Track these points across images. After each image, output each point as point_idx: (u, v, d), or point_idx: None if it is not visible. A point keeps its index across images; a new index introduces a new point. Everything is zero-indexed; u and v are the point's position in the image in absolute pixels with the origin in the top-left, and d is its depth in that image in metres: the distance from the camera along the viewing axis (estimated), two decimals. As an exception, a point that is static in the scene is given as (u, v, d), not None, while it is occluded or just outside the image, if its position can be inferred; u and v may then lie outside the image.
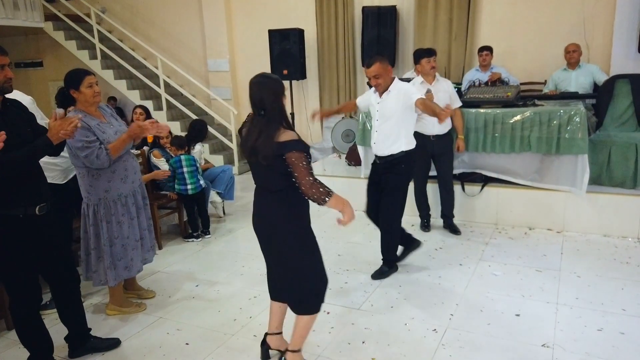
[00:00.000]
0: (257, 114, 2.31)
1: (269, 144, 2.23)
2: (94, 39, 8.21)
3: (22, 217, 2.41)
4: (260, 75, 2.35)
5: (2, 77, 2.34)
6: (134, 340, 3.02)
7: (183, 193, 4.61)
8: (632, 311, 3.10)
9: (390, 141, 3.53)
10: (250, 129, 2.33)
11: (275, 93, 2.30)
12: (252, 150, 2.29)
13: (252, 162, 2.37)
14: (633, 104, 4.57)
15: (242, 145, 2.39)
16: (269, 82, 2.32)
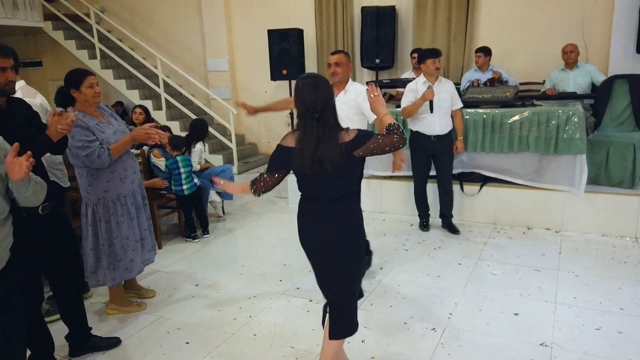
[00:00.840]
0: (309, 119, 2.10)
1: (334, 149, 2.08)
2: (93, 39, 8.21)
3: (25, 216, 2.41)
4: (308, 76, 2.19)
5: (3, 79, 2.32)
6: (134, 339, 3.03)
7: (179, 194, 4.62)
8: (630, 310, 3.11)
9: None
10: (304, 137, 2.11)
11: (329, 94, 2.15)
12: (314, 160, 2.08)
13: (315, 171, 2.11)
14: (631, 104, 4.59)
15: (298, 157, 2.11)
16: (322, 83, 2.16)
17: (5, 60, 2.33)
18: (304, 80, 2.17)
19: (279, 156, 2.20)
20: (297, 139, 2.14)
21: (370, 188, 5.28)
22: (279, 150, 2.20)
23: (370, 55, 6.89)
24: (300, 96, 2.13)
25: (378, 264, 3.97)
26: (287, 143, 2.18)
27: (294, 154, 2.13)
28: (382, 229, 4.82)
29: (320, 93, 2.12)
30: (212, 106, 8.21)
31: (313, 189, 2.23)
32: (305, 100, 2.11)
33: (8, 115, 2.41)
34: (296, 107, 2.16)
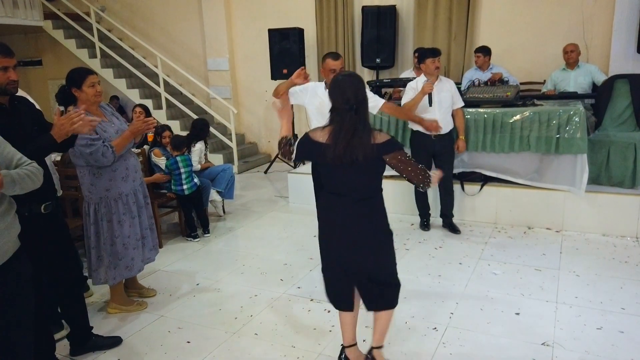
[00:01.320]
0: (347, 110, 2.17)
1: (368, 144, 2.15)
2: (93, 38, 8.21)
3: (27, 215, 2.41)
4: (348, 73, 2.31)
5: (5, 79, 2.30)
6: (135, 338, 3.03)
7: (180, 193, 4.62)
8: (631, 310, 3.11)
9: None
10: (339, 129, 2.17)
11: (365, 91, 2.23)
12: (346, 150, 2.14)
13: (346, 162, 2.16)
14: (632, 104, 4.58)
15: (330, 150, 2.16)
16: (361, 80, 2.26)
17: (8, 59, 2.31)
18: (343, 75, 2.27)
19: (307, 146, 2.29)
20: (330, 133, 2.19)
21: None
22: (308, 142, 2.28)
23: (370, 54, 6.89)
24: (339, 89, 2.19)
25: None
26: (317, 137, 2.25)
27: (325, 148, 2.18)
28: (382, 228, 4.80)
29: (360, 88, 2.20)
30: (212, 105, 8.21)
31: (341, 186, 2.27)
32: (346, 92, 2.17)
33: (11, 114, 2.40)
34: (333, 100, 2.21)
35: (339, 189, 2.28)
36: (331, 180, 2.30)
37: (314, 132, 2.29)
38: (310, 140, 2.27)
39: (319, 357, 2.76)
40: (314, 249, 4.25)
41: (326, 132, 2.22)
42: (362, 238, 2.29)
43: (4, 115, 2.36)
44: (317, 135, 2.26)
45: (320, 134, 2.24)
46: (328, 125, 2.24)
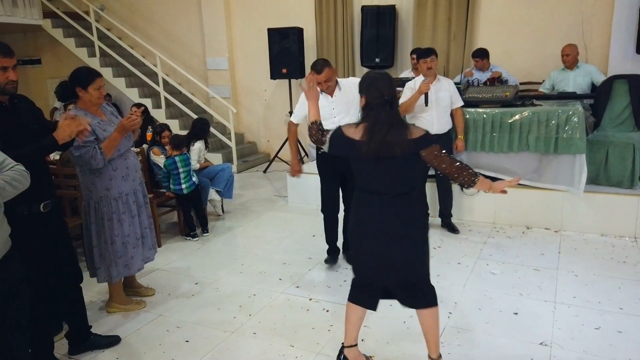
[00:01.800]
0: (382, 105, 2.18)
1: (404, 139, 2.16)
2: (92, 37, 8.19)
3: (26, 214, 2.42)
4: (378, 71, 2.35)
5: (4, 79, 2.29)
6: (133, 337, 3.03)
7: (178, 193, 4.62)
8: (629, 310, 3.12)
9: None
10: (374, 124, 2.18)
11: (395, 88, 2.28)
12: (382, 144, 2.14)
13: (382, 156, 2.16)
14: (630, 104, 4.59)
15: (366, 142, 2.17)
16: (391, 76, 2.29)
17: (7, 59, 2.30)
18: (375, 72, 2.31)
19: (340, 142, 2.29)
20: (365, 130, 2.19)
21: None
22: (342, 138, 2.27)
23: (370, 54, 6.89)
24: (373, 85, 2.21)
25: (378, 263, 3.97)
26: (350, 134, 2.24)
27: (359, 145, 2.18)
28: (381, 228, 4.81)
29: (392, 84, 2.24)
30: (211, 105, 8.20)
31: (376, 182, 2.26)
32: (380, 87, 2.19)
33: (11, 112, 2.40)
34: (367, 95, 2.22)
35: (374, 186, 2.27)
36: (366, 177, 2.29)
37: (347, 128, 2.28)
38: (343, 136, 2.26)
39: (317, 356, 2.76)
40: (312, 249, 4.27)
41: (360, 129, 2.22)
42: (398, 234, 2.27)
43: (4, 113, 2.36)
44: (351, 131, 2.24)
45: (354, 131, 2.23)
46: (361, 122, 2.23)
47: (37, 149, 2.36)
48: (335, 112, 3.63)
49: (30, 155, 2.34)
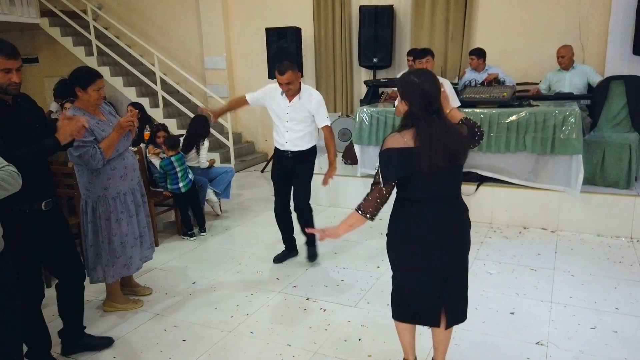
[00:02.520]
0: (429, 113, 1.98)
1: (462, 140, 2.05)
2: (90, 36, 8.18)
3: (28, 212, 2.43)
4: (419, 70, 2.13)
5: (6, 80, 2.29)
6: (130, 337, 3.03)
7: (176, 192, 4.62)
8: (625, 310, 3.13)
9: (302, 140, 3.77)
10: (428, 134, 1.95)
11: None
12: (445, 155, 1.96)
13: (444, 168, 1.98)
14: (627, 105, 4.62)
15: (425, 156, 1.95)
16: (435, 76, 2.08)
17: (11, 61, 2.30)
18: (416, 74, 2.05)
19: (397, 160, 1.99)
20: (417, 138, 1.97)
21: (367, 186, 5.26)
22: (397, 154, 1.99)
23: (368, 54, 6.90)
24: (418, 90, 1.99)
25: (375, 262, 3.98)
26: (402, 144, 1.98)
27: (417, 153, 1.95)
28: (379, 227, 4.81)
29: (437, 85, 2.02)
30: (209, 104, 8.19)
31: (437, 189, 2.07)
32: (426, 93, 1.98)
33: (14, 111, 2.41)
34: (410, 104, 2.02)
35: (435, 193, 2.08)
36: (426, 186, 2.05)
37: (389, 142, 2.01)
38: (393, 151, 1.99)
39: (314, 355, 2.76)
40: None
41: (407, 136, 1.99)
42: (461, 239, 2.16)
43: (7, 112, 2.37)
44: (397, 142, 2.00)
45: (401, 140, 1.99)
46: (405, 129, 2.01)
47: (38, 149, 2.37)
48: (288, 117, 3.72)
49: (31, 156, 2.35)
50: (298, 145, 3.76)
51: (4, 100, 2.36)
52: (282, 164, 3.86)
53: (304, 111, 3.70)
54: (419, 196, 2.08)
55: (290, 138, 3.75)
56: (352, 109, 7.42)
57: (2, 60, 2.28)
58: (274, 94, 3.74)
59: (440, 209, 2.09)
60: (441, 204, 2.10)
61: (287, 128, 3.73)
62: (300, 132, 3.74)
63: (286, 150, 3.78)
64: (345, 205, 5.42)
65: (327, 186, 4.01)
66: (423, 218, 2.10)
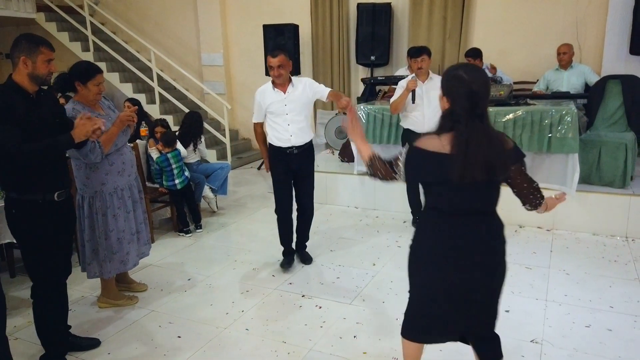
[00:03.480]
0: (473, 116, 1.77)
1: (503, 152, 1.80)
2: (86, 31, 8.14)
3: (40, 202, 2.46)
4: (467, 65, 1.86)
5: (48, 70, 2.43)
6: (125, 333, 3.02)
7: (172, 188, 4.61)
8: (619, 308, 3.15)
9: (304, 131, 3.70)
10: (469, 140, 1.74)
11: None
12: (482, 166, 1.74)
13: (480, 179, 1.76)
14: (623, 104, 4.63)
15: (459, 160, 1.74)
16: (485, 74, 1.86)
17: (52, 52, 2.46)
18: (466, 70, 1.81)
19: (427, 164, 1.82)
20: (453, 142, 1.75)
21: (364, 184, 5.29)
22: (428, 157, 1.81)
23: (365, 51, 6.89)
24: (465, 88, 1.76)
25: (371, 260, 3.98)
26: (433, 147, 1.79)
27: (450, 160, 1.74)
28: (375, 225, 4.83)
29: (487, 86, 1.81)
30: (206, 101, 8.17)
31: (469, 202, 1.85)
32: (474, 93, 1.75)
33: (36, 104, 2.45)
34: (452, 103, 1.81)
35: (467, 206, 1.86)
36: (455, 198, 1.84)
37: (424, 141, 1.83)
38: (425, 153, 1.80)
39: (309, 352, 2.76)
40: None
41: (445, 140, 1.79)
42: (491, 260, 1.91)
43: (29, 104, 2.41)
44: (432, 144, 1.80)
45: (437, 143, 1.79)
46: (443, 132, 1.81)
47: (51, 144, 2.40)
48: (287, 108, 3.63)
49: (45, 151, 2.39)
50: (302, 138, 3.68)
51: (28, 93, 2.42)
52: (287, 162, 3.71)
53: (304, 97, 3.64)
54: (448, 208, 1.87)
55: (294, 130, 3.65)
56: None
57: (47, 51, 2.42)
58: (265, 93, 3.68)
59: (471, 225, 1.87)
60: (473, 220, 1.87)
61: (289, 120, 3.64)
62: (302, 122, 3.67)
63: (291, 147, 3.67)
64: (341, 203, 5.42)
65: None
66: (450, 233, 1.88)
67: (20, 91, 2.39)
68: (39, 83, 2.44)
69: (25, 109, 2.36)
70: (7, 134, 2.25)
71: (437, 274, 1.93)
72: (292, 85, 3.65)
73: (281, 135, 3.68)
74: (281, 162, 3.74)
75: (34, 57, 2.38)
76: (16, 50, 2.39)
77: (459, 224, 1.87)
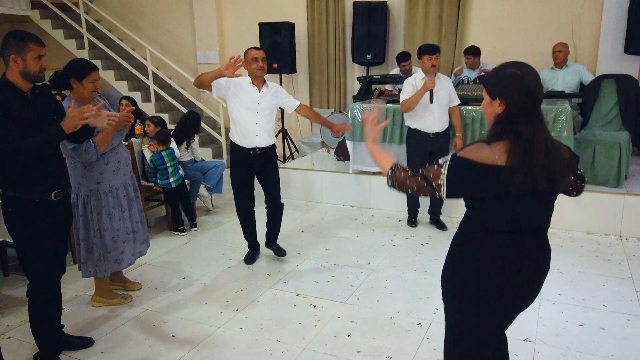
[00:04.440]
0: (534, 118, 1.60)
1: (564, 159, 1.66)
2: (81, 29, 8.10)
3: (38, 201, 2.46)
4: (521, 64, 1.65)
5: (39, 66, 2.39)
6: (119, 331, 3.01)
7: (167, 187, 4.60)
8: (612, 307, 3.16)
9: (269, 134, 3.71)
10: (530, 143, 1.55)
11: None
12: (544, 174, 1.56)
13: (541, 189, 1.58)
14: (618, 104, 4.64)
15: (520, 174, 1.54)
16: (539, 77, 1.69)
17: (42, 48, 2.41)
18: (515, 65, 1.64)
19: (479, 178, 1.59)
20: (510, 151, 1.56)
21: (360, 183, 5.29)
22: (480, 171, 1.57)
23: (361, 50, 6.88)
24: (522, 84, 1.59)
25: (365, 259, 3.98)
26: (492, 161, 1.56)
27: (511, 173, 1.54)
28: (370, 224, 4.83)
29: (540, 81, 1.65)
30: (201, 99, 8.15)
31: (526, 219, 1.68)
32: (532, 89, 1.59)
33: (31, 102, 2.43)
34: (507, 103, 1.61)
35: (523, 224, 1.69)
36: (514, 213, 1.66)
37: (472, 152, 1.60)
38: (475, 165, 1.57)
39: (303, 351, 2.76)
40: (301, 244, 4.27)
41: (497, 149, 1.57)
42: (541, 284, 1.81)
43: (23, 102, 2.39)
44: (483, 155, 1.57)
45: (489, 154, 1.57)
46: (496, 141, 1.60)
47: (44, 138, 2.38)
48: (259, 107, 3.61)
49: (37, 145, 2.36)
50: (267, 140, 3.68)
51: (22, 91, 2.40)
52: (249, 163, 3.70)
53: (274, 100, 3.67)
54: (501, 226, 1.68)
55: (260, 131, 3.63)
56: (345, 105, 7.41)
57: (36, 47, 2.38)
58: (242, 84, 3.59)
59: (528, 246, 1.70)
60: (530, 239, 1.70)
61: (257, 119, 3.61)
62: (268, 124, 3.67)
63: (254, 147, 3.64)
64: (337, 202, 5.42)
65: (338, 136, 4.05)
66: (504, 255, 1.69)
67: (14, 90, 2.36)
68: (32, 80, 2.41)
69: (20, 107, 2.34)
70: (3, 131, 2.24)
71: (504, 300, 1.75)
72: (266, 86, 3.65)
73: (246, 133, 3.63)
74: (243, 163, 3.72)
75: (23, 54, 2.35)
76: (5, 49, 2.37)
77: (513, 244, 1.69)
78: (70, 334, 2.90)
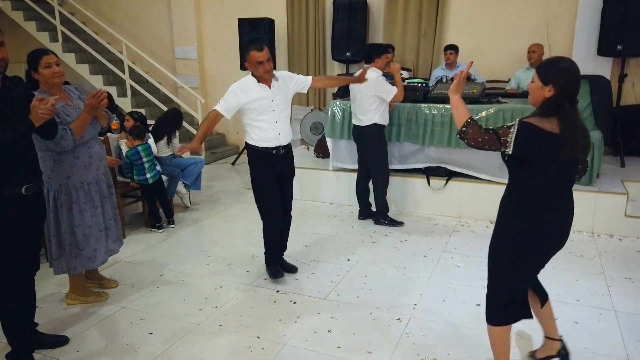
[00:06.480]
0: (573, 103, 2.06)
1: (589, 141, 2.13)
2: (55, 21, 7.90)
3: (7, 195, 2.38)
4: (567, 59, 2.11)
5: None
6: (95, 330, 2.95)
7: (143, 183, 4.53)
8: (585, 302, 3.24)
9: (289, 129, 3.48)
10: (572, 125, 2.01)
11: None
12: (584, 147, 2.07)
13: (578, 159, 2.10)
14: (591, 104, 4.75)
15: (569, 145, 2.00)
16: None
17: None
18: (566, 61, 2.08)
19: (539, 139, 2.02)
20: (561, 125, 2.00)
21: (339, 180, 5.30)
22: (540, 134, 2.01)
23: (341, 48, 6.89)
24: (573, 77, 2.04)
25: (345, 255, 4.00)
26: (549, 128, 2.01)
27: (561, 141, 1.99)
28: (349, 221, 4.85)
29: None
30: (179, 94, 8.05)
31: (566, 178, 2.15)
32: (578, 82, 2.06)
33: (1, 96, 2.34)
34: (563, 90, 2.03)
35: (563, 183, 2.15)
36: (559, 175, 2.11)
37: (537, 120, 2.04)
38: (540, 131, 2.01)
39: (283, 348, 2.76)
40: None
41: (552, 122, 2.02)
42: (570, 225, 2.23)
43: None
44: (545, 124, 2.02)
45: (548, 124, 2.02)
46: (547, 117, 2.04)
47: (13, 130, 2.31)
48: (274, 104, 3.35)
49: (5, 139, 2.28)
50: (288, 136, 3.46)
51: None
52: (274, 164, 3.43)
53: (287, 90, 3.43)
54: (548, 184, 2.11)
55: (282, 128, 3.40)
56: (324, 103, 7.41)
57: None
58: (247, 88, 3.31)
59: (565, 200, 2.17)
60: (565, 195, 2.17)
61: (276, 117, 3.36)
62: (287, 118, 3.45)
63: (278, 147, 3.40)
64: (316, 199, 5.42)
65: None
66: (550, 208, 2.14)
67: None
68: None
69: None
70: None
71: (533, 253, 2.21)
72: (275, 79, 3.37)
73: (269, 134, 3.37)
74: (269, 164, 3.42)
75: None
76: None
77: (556, 199, 2.15)
78: (45, 332, 2.84)
